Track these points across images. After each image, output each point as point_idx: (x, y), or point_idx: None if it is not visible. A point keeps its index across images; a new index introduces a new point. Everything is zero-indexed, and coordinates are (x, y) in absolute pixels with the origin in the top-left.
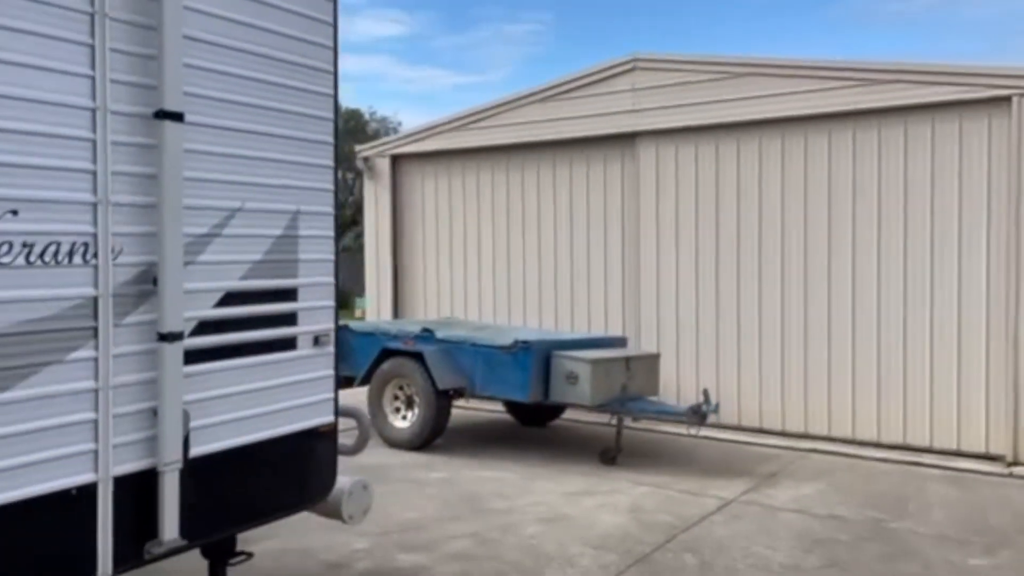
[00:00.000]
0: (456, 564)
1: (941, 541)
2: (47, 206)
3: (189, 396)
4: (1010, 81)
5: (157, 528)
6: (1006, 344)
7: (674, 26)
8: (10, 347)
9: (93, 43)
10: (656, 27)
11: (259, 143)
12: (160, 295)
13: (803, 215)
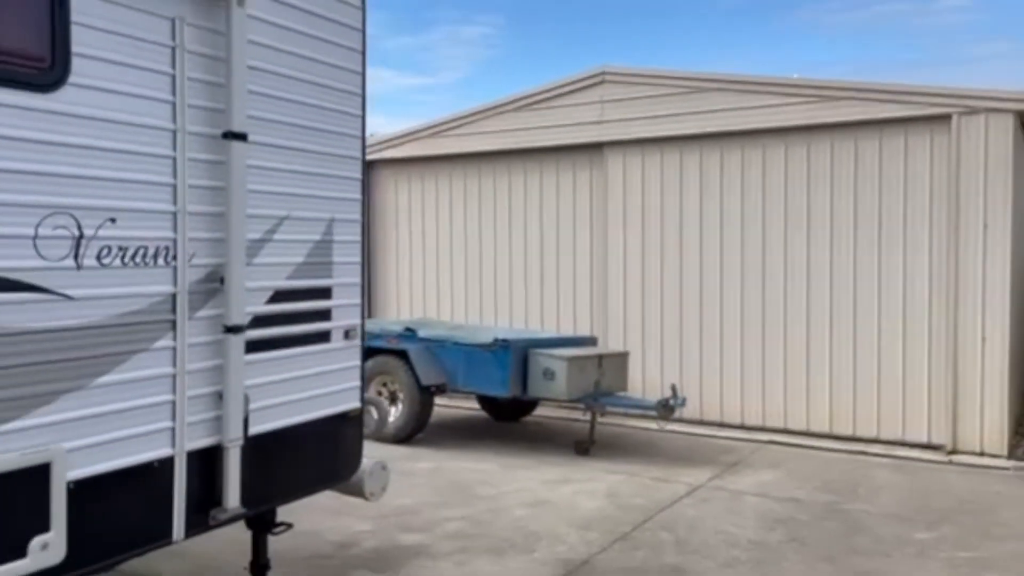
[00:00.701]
0: (454, 542)
1: (889, 519)
2: (137, 215)
3: (247, 382)
4: (950, 100)
5: (221, 497)
6: (946, 343)
7: (625, 31)
8: (109, 336)
9: (174, 73)
10: (607, 33)
11: (304, 159)
12: (226, 292)
13: (761, 222)
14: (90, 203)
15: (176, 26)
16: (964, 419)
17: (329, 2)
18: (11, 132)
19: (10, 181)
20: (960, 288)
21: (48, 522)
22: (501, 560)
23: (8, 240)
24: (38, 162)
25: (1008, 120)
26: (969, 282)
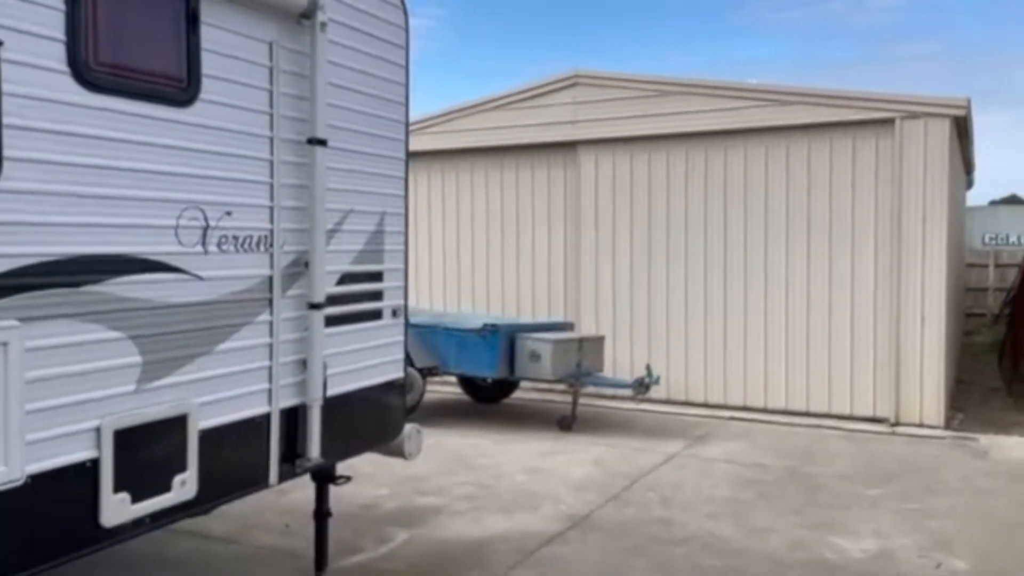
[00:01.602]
0: (466, 502)
1: (844, 480)
2: (245, 209)
3: (325, 351)
4: (893, 106)
5: (305, 449)
6: (889, 326)
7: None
8: (226, 311)
9: (271, 88)
10: (551, 27)
11: (363, 160)
12: (310, 275)
13: (723, 216)
14: (213, 199)
15: (272, 49)
16: (906, 394)
17: (382, 24)
18: (158, 140)
19: (158, 180)
20: (902, 276)
21: (185, 463)
22: (511, 517)
23: (157, 230)
24: (177, 164)
25: (945, 124)
26: (910, 270)
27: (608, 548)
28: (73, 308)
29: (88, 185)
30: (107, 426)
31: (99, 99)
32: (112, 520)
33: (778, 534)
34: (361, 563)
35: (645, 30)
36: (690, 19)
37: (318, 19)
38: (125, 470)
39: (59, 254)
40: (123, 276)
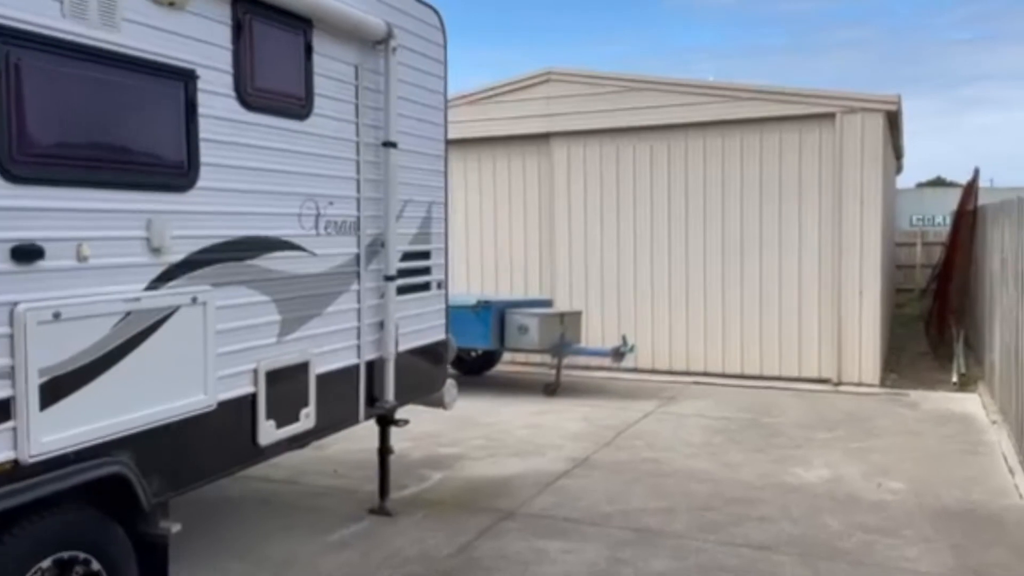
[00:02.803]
0: (482, 451)
1: (797, 427)
2: (341, 199)
3: (396, 315)
4: (834, 101)
5: (383, 394)
6: (832, 298)
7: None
8: (330, 281)
9: (356, 102)
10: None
11: (419, 159)
12: (385, 253)
13: (684, 200)
14: (322, 192)
15: (357, 70)
16: (846, 358)
17: (429, 45)
18: (288, 146)
19: (289, 178)
20: (843, 253)
21: (308, 400)
22: (524, 460)
23: (288, 217)
24: (299, 165)
25: (879, 118)
26: (849, 248)
27: (610, 480)
28: (240, 277)
29: (247, 183)
30: (261, 368)
31: (253, 116)
32: (264, 441)
33: (747, 467)
34: (411, 495)
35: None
36: (629, 4)
37: (391, 44)
38: (272, 403)
39: (232, 236)
40: (268, 253)
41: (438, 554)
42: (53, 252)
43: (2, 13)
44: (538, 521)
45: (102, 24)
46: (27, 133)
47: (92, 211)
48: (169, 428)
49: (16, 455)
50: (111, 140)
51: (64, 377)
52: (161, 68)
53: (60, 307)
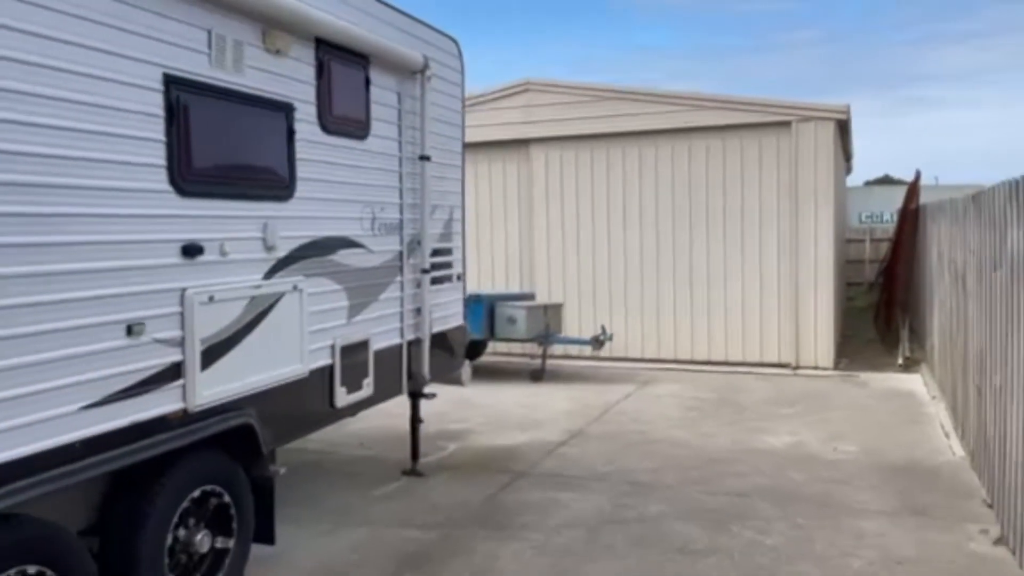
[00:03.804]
0: (487, 426)
1: (762, 403)
2: (389, 205)
3: (430, 302)
4: (790, 110)
5: (420, 369)
6: (790, 290)
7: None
8: (381, 273)
9: (399, 123)
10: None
11: (444, 170)
12: (422, 249)
13: (655, 200)
14: (376, 199)
15: (400, 96)
16: (804, 344)
17: (451, 72)
18: (352, 162)
19: (352, 188)
20: (800, 250)
21: (368, 372)
22: (525, 433)
23: (353, 220)
24: (360, 178)
25: (831, 126)
26: (805, 245)
27: (603, 447)
28: (322, 269)
29: (326, 193)
30: (336, 344)
31: (330, 138)
32: (339, 404)
33: (722, 436)
34: (434, 461)
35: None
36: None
37: (426, 73)
38: (344, 373)
39: (317, 236)
40: (340, 250)
41: (471, 503)
42: (208, 249)
43: (175, 66)
44: (548, 479)
45: (234, 70)
46: (191, 157)
47: (230, 217)
48: (278, 390)
49: (185, 405)
50: (241, 161)
51: (215, 346)
52: (271, 103)
53: (213, 292)
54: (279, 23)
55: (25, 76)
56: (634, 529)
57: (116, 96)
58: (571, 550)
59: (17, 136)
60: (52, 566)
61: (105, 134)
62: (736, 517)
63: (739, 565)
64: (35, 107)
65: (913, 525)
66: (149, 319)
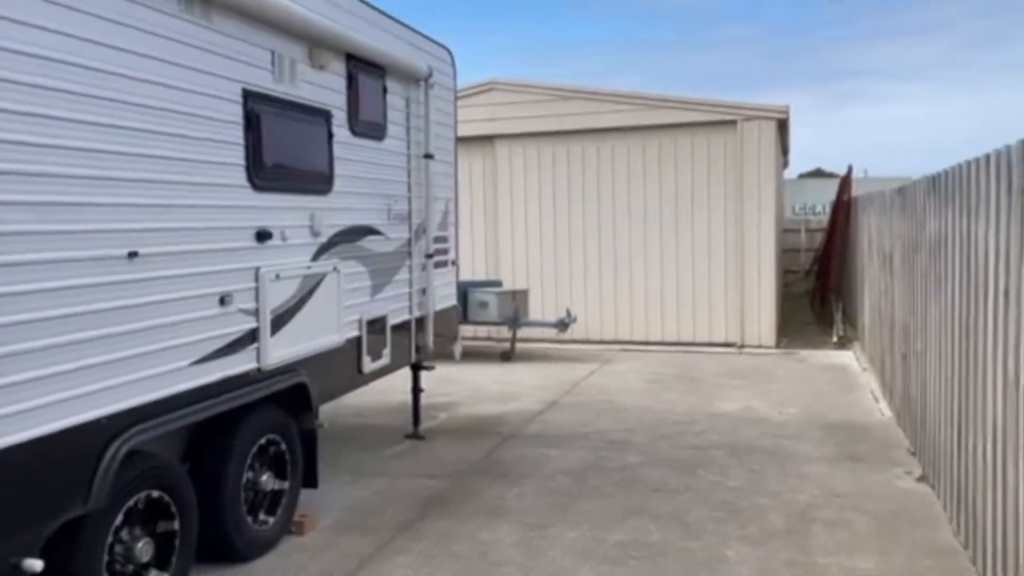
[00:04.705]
0: (470, 399)
1: (715, 377)
2: (399, 198)
3: (433, 284)
4: (736, 111)
5: (425, 342)
6: (736, 276)
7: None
8: (396, 257)
9: (408, 125)
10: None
11: (441, 166)
12: (426, 236)
13: (612, 193)
14: (391, 192)
15: (408, 101)
16: (748, 325)
17: (446, 78)
18: (373, 160)
19: (373, 183)
20: (744, 238)
21: (386, 343)
22: (506, 404)
23: (373, 211)
24: (379, 174)
25: (772, 125)
26: (750, 235)
27: (578, 414)
28: (352, 253)
29: (355, 187)
30: (363, 319)
31: (357, 140)
32: (365, 370)
33: (682, 403)
34: (431, 427)
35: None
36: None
37: (430, 81)
38: (368, 343)
39: (348, 225)
40: (365, 236)
41: (471, 458)
42: (275, 235)
43: (250, 81)
44: (535, 439)
45: (290, 83)
46: (262, 158)
47: (288, 208)
48: (322, 356)
49: (259, 364)
50: (296, 161)
51: (279, 316)
52: (316, 110)
53: (278, 270)
54: (322, 42)
55: (149, 93)
56: (616, 475)
57: (211, 108)
58: (565, 491)
59: (145, 142)
60: (168, 491)
61: (202, 139)
62: (701, 465)
63: (707, 500)
64: (156, 118)
65: (849, 468)
66: (235, 292)
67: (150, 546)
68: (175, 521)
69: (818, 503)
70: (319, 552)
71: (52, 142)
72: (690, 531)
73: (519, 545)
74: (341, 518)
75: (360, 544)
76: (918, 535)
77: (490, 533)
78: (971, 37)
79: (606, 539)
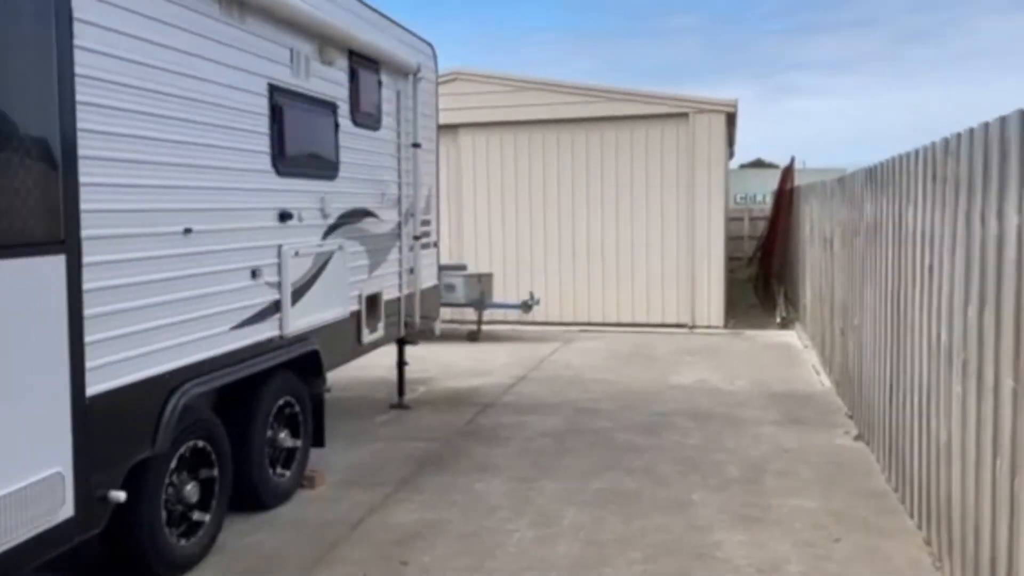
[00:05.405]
0: (445, 375)
1: (669, 354)
2: (390, 183)
3: (419, 263)
4: (688, 104)
5: (413, 317)
6: (688, 260)
7: None
8: (388, 238)
9: (399, 116)
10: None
11: (427, 155)
12: (414, 219)
13: (571, 181)
14: (384, 178)
15: (399, 94)
16: (699, 307)
17: (430, 72)
18: (370, 149)
19: (370, 169)
20: (695, 225)
21: (381, 317)
22: (480, 378)
23: (370, 195)
24: (375, 161)
25: (721, 118)
26: (700, 222)
27: (548, 386)
28: (354, 234)
29: (356, 173)
30: (363, 294)
31: (357, 130)
32: (364, 341)
33: (641, 377)
34: (412, 398)
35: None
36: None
37: (418, 75)
38: (367, 317)
39: (351, 207)
40: (364, 219)
41: (455, 425)
42: (294, 216)
43: (273, 76)
44: (511, 407)
45: (305, 78)
46: (284, 146)
47: (304, 192)
48: (329, 327)
49: (281, 332)
50: (310, 149)
51: (297, 290)
52: (325, 103)
53: (297, 248)
54: (330, 40)
55: (199, 88)
56: (589, 437)
57: (245, 101)
58: (545, 451)
59: (196, 132)
60: (210, 442)
61: (239, 129)
62: (664, 428)
63: (673, 456)
64: (204, 111)
65: (795, 430)
66: (262, 267)
67: (196, 489)
68: (215, 469)
69: (769, 458)
70: (332, 502)
71: (137, 133)
72: (659, 481)
73: (510, 494)
74: (345, 475)
75: (367, 496)
76: (855, 482)
77: (483, 485)
78: (904, 32)
79: (587, 488)
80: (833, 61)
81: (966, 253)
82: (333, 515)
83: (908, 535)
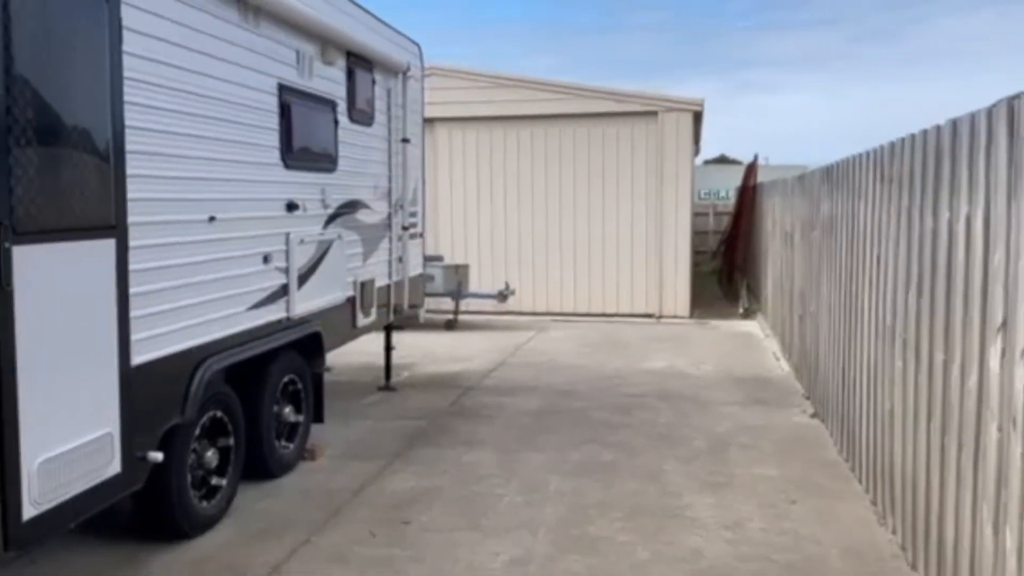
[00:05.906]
0: (427, 360)
1: (638, 342)
2: (382, 176)
3: (408, 253)
4: (657, 102)
5: (402, 303)
6: (656, 253)
7: None
8: (380, 228)
9: (389, 113)
10: None
11: (415, 150)
12: (403, 211)
13: (544, 176)
14: (377, 172)
15: (390, 92)
16: (666, 298)
17: (417, 71)
18: (365, 144)
19: (365, 164)
20: (663, 219)
21: (373, 302)
22: (460, 364)
23: (365, 188)
24: (369, 156)
25: (689, 116)
26: (668, 216)
27: (526, 371)
28: (350, 224)
29: (352, 167)
30: (358, 281)
31: (354, 126)
32: (359, 325)
33: (615, 363)
34: (396, 382)
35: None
36: None
37: (408, 74)
38: (361, 302)
39: (348, 199)
40: (359, 210)
41: (440, 405)
42: (299, 206)
43: (282, 76)
44: (492, 390)
45: (309, 78)
46: (292, 141)
47: (307, 184)
48: (329, 310)
49: (288, 314)
50: (313, 144)
51: (302, 275)
52: (326, 101)
53: (302, 236)
54: (331, 42)
55: (222, 88)
56: (566, 416)
57: (258, 99)
58: (527, 428)
59: (220, 129)
60: (227, 413)
61: (253, 125)
62: (636, 408)
63: (645, 431)
64: (226, 109)
65: (757, 409)
66: (272, 253)
67: (216, 456)
68: (231, 438)
69: (733, 433)
70: (333, 472)
71: (171, 129)
72: (634, 453)
73: (498, 465)
74: (343, 449)
75: (365, 467)
76: (810, 453)
77: (471, 457)
78: (866, 31)
79: (568, 459)
80: (796, 58)
81: (907, 245)
82: (335, 484)
83: (857, 498)
